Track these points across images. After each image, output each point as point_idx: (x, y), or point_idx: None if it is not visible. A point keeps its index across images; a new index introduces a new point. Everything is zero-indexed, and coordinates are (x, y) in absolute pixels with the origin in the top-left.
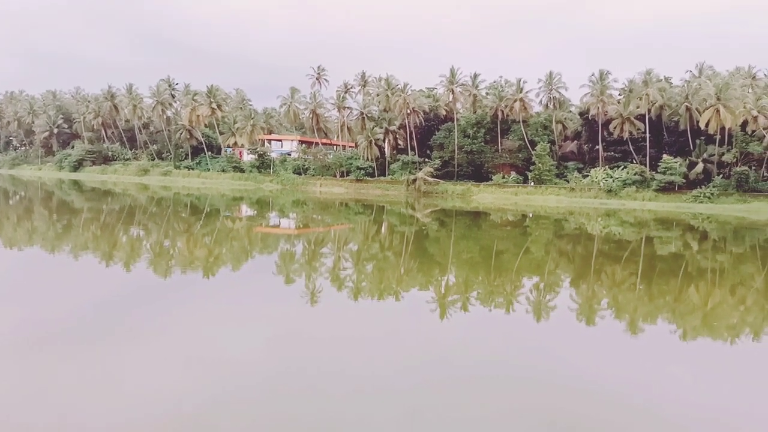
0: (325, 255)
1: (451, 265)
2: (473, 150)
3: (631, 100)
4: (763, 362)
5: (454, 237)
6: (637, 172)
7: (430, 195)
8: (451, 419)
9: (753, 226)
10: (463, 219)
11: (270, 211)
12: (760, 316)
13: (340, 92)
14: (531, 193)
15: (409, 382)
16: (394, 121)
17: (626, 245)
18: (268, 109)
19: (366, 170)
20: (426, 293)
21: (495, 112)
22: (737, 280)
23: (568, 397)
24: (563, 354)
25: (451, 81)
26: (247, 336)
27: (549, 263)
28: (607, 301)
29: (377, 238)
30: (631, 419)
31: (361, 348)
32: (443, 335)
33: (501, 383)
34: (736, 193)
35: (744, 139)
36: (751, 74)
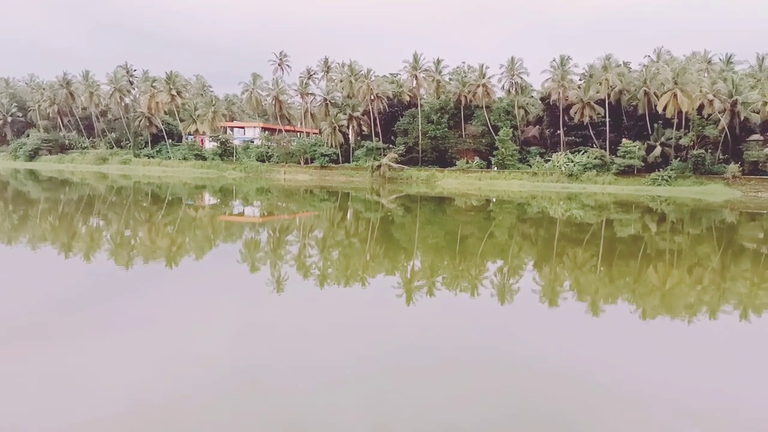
0: (291, 243)
1: (416, 250)
2: (437, 136)
3: (591, 85)
4: (718, 340)
5: (419, 222)
6: (597, 156)
7: (395, 181)
8: (419, 405)
9: (709, 208)
10: (428, 204)
11: (233, 199)
12: (716, 296)
13: (303, 78)
14: (494, 178)
15: (377, 369)
16: (358, 108)
17: (587, 228)
18: (229, 95)
19: (330, 157)
20: (392, 279)
21: (458, 98)
22: (694, 260)
23: (534, 377)
24: (528, 336)
25: (415, 67)
26: (212, 327)
27: (513, 247)
28: (570, 283)
29: (343, 225)
30: (595, 398)
31: (327, 336)
32: (410, 321)
33: (467, 366)
34: (693, 175)
35: (700, 123)
36: (707, 59)
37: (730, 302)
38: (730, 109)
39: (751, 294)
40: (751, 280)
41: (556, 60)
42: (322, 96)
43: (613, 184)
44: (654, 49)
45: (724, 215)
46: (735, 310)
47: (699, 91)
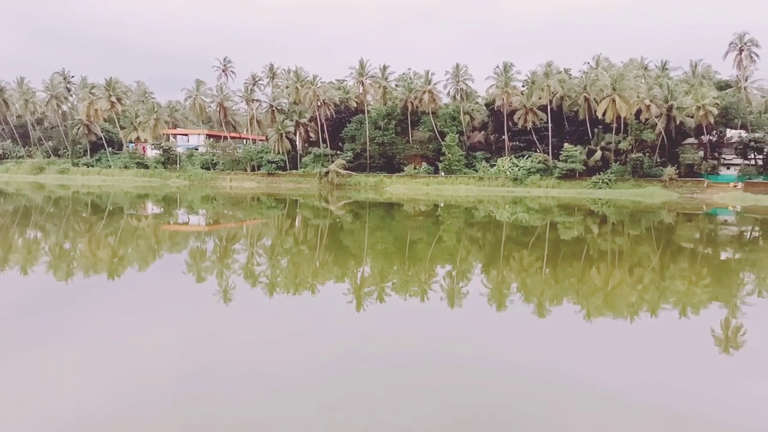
0: (238, 251)
1: (366, 256)
2: (385, 142)
3: (533, 91)
4: (660, 336)
5: (368, 228)
6: (541, 161)
7: (344, 187)
8: (372, 410)
9: (648, 210)
10: (376, 210)
11: (178, 208)
12: (656, 294)
13: (248, 84)
14: (442, 183)
15: (327, 376)
16: (305, 114)
17: (532, 231)
18: (172, 102)
19: (277, 164)
20: (342, 286)
21: (405, 104)
22: (635, 260)
23: (484, 378)
24: (477, 338)
25: (361, 73)
26: (157, 340)
27: (461, 251)
28: (516, 285)
29: (291, 232)
30: (545, 396)
31: (277, 345)
32: (360, 327)
33: (418, 370)
34: (632, 178)
35: (638, 127)
36: (644, 65)
37: (670, 300)
38: (666, 113)
39: (689, 292)
40: (689, 279)
41: (499, 67)
42: (268, 102)
43: (557, 188)
44: (593, 56)
45: (662, 216)
46: (674, 308)
47: (636, 97)
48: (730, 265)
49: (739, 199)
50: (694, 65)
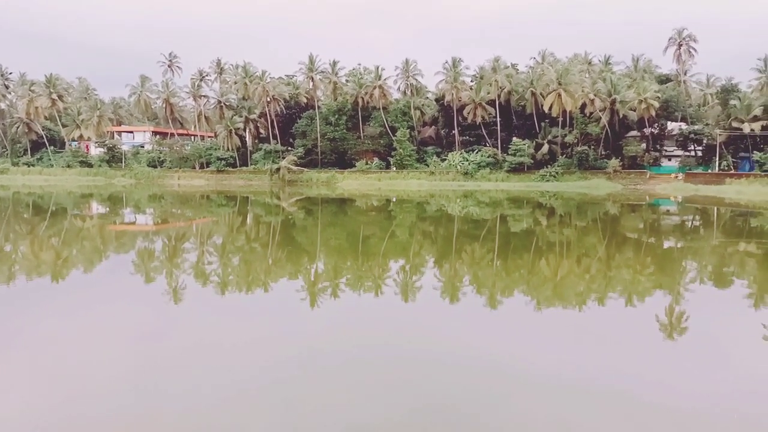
0: (188, 250)
1: (319, 252)
2: (336, 137)
3: (482, 86)
4: (607, 324)
5: (321, 225)
6: (491, 155)
7: (295, 184)
8: (327, 408)
9: (593, 201)
10: (329, 206)
11: (124, 207)
12: (603, 284)
13: (195, 80)
14: (394, 178)
15: (280, 376)
16: (254, 110)
17: (483, 224)
18: (116, 99)
19: (227, 161)
20: (295, 283)
21: (356, 100)
22: (582, 251)
23: (439, 371)
24: (431, 331)
25: (311, 68)
26: (103, 344)
27: (414, 245)
28: (468, 278)
29: (242, 230)
30: (498, 387)
31: (229, 345)
32: (314, 324)
33: (374, 366)
34: (578, 171)
35: (583, 121)
36: (588, 60)
37: (616, 289)
38: (609, 107)
39: (634, 280)
40: (634, 268)
41: (448, 62)
42: (216, 98)
43: (506, 181)
44: (539, 51)
45: (607, 208)
46: (621, 297)
47: (581, 91)
48: (672, 254)
49: (680, 189)
50: (635, 60)
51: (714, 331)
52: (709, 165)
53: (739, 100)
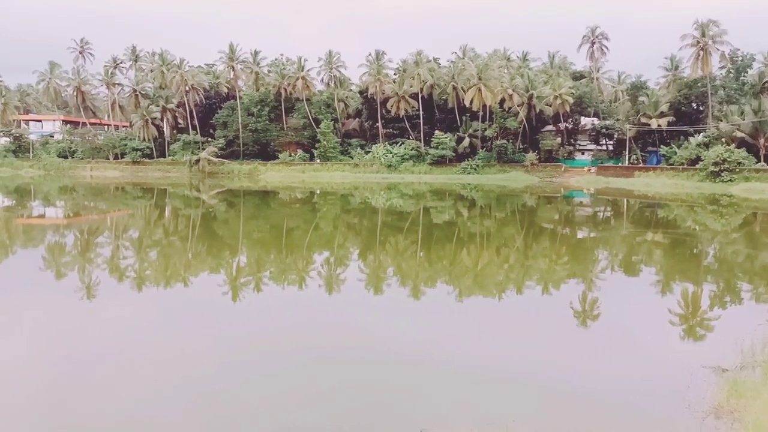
0: (102, 245)
1: (241, 245)
2: (258, 128)
3: (405, 79)
4: (525, 313)
5: (243, 217)
6: (414, 148)
7: (216, 175)
8: (248, 404)
9: (512, 193)
10: (251, 198)
11: (32, 199)
12: (521, 273)
13: (108, 67)
14: (317, 170)
15: (199, 372)
16: (173, 99)
17: (407, 216)
18: (23, 86)
19: (143, 151)
20: (217, 277)
21: (278, 90)
22: (501, 241)
23: (363, 363)
24: (355, 324)
25: (231, 58)
26: (9, 346)
27: (338, 237)
28: (393, 269)
29: (160, 223)
30: (424, 379)
31: (145, 343)
32: (236, 318)
33: (296, 359)
34: (498, 164)
35: (502, 116)
36: (506, 56)
37: (534, 278)
38: (527, 102)
39: (550, 269)
40: (550, 257)
41: (371, 55)
42: (131, 87)
43: (429, 174)
44: (460, 46)
45: (525, 199)
46: (538, 285)
47: (500, 86)
48: (586, 244)
49: (593, 182)
50: (551, 57)
51: (624, 317)
52: (619, 158)
53: (647, 97)
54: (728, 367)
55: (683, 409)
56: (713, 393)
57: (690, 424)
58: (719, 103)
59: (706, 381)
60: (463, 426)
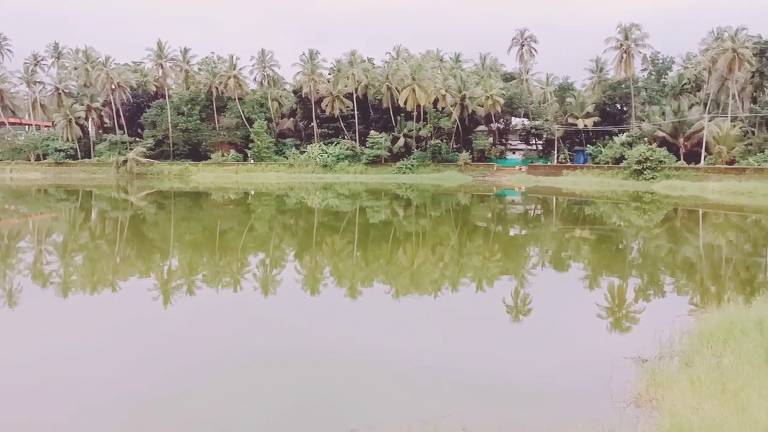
0: (23, 249)
1: (173, 248)
2: (189, 128)
3: (339, 79)
4: (460, 310)
5: (174, 219)
6: (349, 148)
7: (145, 177)
8: (186, 409)
9: (446, 192)
10: (183, 200)
11: None
12: (456, 271)
13: (28, 65)
14: (251, 170)
15: (132, 379)
16: (98, 98)
17: (343, 216)
18: None
19: (67, 152)
20: (147, 281)
21: (209, 89)
22: (437, 240)
23: (297, 366)
24: (291, 325)
25: (160, 55)
26: None
27: (273, 238)
28: (329, 269)
29: (86, 227)
30: (357, 378)
31: (72, 351)
32: (167, 323)
33: (229, 361)
34: (432, 163)
35: (436, 116)
36: (439, 57)
37: (468, 275)
38: (460, 102)
39: (483, 267)
40: (484, 255)
41: (305, 54)
42: (54, 85)
43: (364, 174)
44: (394, 47)
45: (459, 198)
46: (472, 282)
47: (434, 87)
48: (517, 241)
49: (524, 180)
50: (483, 58)
51: (553, 312)
52: (548, 158)
53: (574, 98)
54: (648, 357)
55: (606, 399)
56: (634, 383)
57: (611, 414)
58: (642, 104)
59: (627, 371)
60: (393, 424)
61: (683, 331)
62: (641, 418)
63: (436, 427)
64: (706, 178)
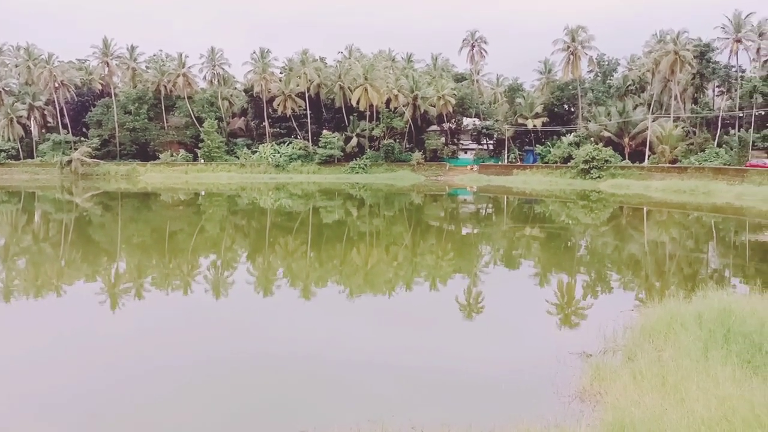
0: None
1: (120, 251)
2: (136, 127)
3: (291, 78)
4: (414, 308)
5: (122, 221)
6: (302, 147)
7: (90, 177)
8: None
9: (400, 192)
10: (130, 201)
11: None
12: (409, 270)
13: None
14: (202, 170)
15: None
16: (40, 96)
17: (296, 216)
18: None
19: (8, 152)
20: (93, 285)
21: (158, 88)
22: (391, 240)
23: (248, 368)
24: (242, 327)
25: (105, 53)
26: None
27: (225, 240)
28: (282, 270)
29: (29, 229)
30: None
31: (14, 360)
32: (115, 327)
33: (184, 367)
34: (385, 163)
35: (389, 115)
36: (392, 57)
37: (421, 274)
38: (412, 102)
39: (437, 266)
40: (437, 254)
41: (256, 52)
42: None
43: (317, 173)
44: (346, 46)
45: (412, 198)
46: (426, 281)
47: (386, 86)
48: (470, 240)
49: (475, 180)
50: (435, 59)
51: (504, 309)
52: (499, 157)
53: (523, 99)
54: (593, 352)
55: (551, 395)
56: (578, 378)
57: (557, 409)
58: (588, 105)
59: (572, 366)
60: (342, 425)
61: (627, 326)
62: (585, 412)
63: (384, 426)
64: (650, 177)
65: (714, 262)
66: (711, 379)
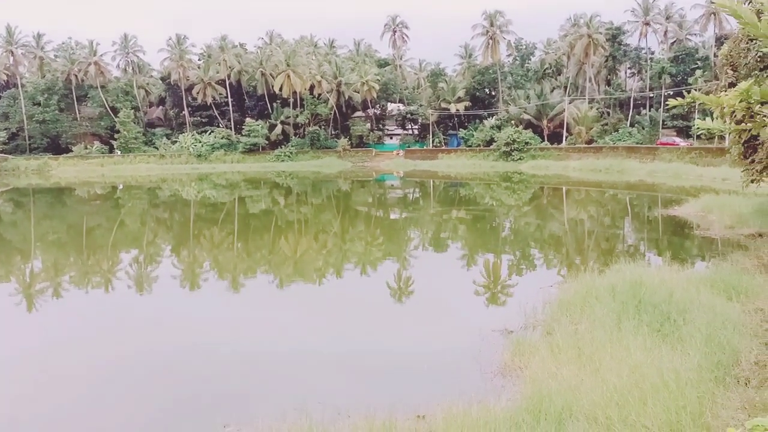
0: None
1: (34, 249)
2: (46, 119)
3: (210, 65)
4: (345, 295)
5: (35, 218)
6: (224, 136)
7: None
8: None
9: (327, 179)
10: (43, 197)
11: None
12: (339, 257)
13: None
14: (119, 163)
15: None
16: None
17: (221, 207)
18: None
19: None
20: (7, 285)
21: (68, 77)
22: (319, 227)
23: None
24: (168, 322)
25: (9, 41)
26: None
27: (147, 234)
28: (209, 263)
29: None
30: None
31: None
32: (34, 329)
33: (106, 363)
34: (311, 150)
35: (313, 102)
36: (314, 42)
37: (352, 261)
38: (336, 89)
39: (366, 252)
40: (366, 240)
41: (172, 39)
42: None
43: (242, 162)
44: (267, 32)
45: (339, 185)
46: (356, 267)
47: (309, 73)
48: (398, 224)
49: (402, 165)
50: (357, 44)
51: (433, 291)
52: (424, 142)
53: (446, 84)
54: (514, 328)
55: (475, 372)
56: (500, 354)
57: (479, 385)
58: (508, 89)
59: (495, 343)
60: (266, 416)
61: (546, 302)
62: (506, 386)
63: (308, 413)
64: (568, 157)
65: (629, 237)
66: (623, 348)
